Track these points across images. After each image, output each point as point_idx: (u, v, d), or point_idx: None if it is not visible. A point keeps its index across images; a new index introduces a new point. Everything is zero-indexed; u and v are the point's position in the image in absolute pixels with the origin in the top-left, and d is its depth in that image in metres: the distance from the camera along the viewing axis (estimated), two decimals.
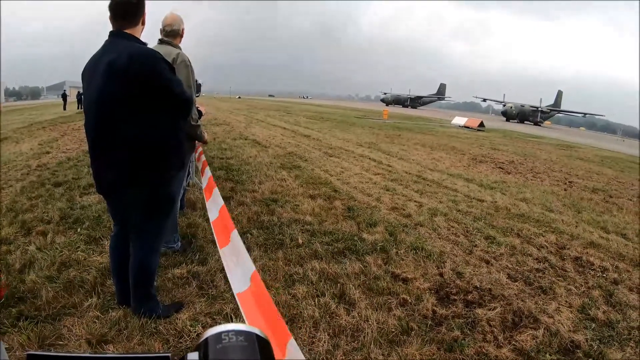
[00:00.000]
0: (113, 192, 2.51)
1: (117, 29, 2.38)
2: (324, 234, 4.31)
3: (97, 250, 3.65)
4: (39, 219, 4.41)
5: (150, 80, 2.25)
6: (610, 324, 3.06)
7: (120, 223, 2.69)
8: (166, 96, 2.34)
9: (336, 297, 3.06)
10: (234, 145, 10.67)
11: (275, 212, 4.97)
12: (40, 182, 6.11)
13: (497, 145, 16.76)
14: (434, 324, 2.84)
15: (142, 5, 2.43)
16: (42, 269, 3.20)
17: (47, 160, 8.06)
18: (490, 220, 5.39)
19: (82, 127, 2.55)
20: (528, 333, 2.81)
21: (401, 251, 4.02)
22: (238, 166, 7.82)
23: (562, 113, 75.21)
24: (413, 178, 7.87)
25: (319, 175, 7.44)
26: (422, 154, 11.68)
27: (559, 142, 23.93)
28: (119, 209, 2.63)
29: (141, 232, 2.57)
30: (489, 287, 3.42)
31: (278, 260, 3.59)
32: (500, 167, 10.41)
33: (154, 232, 2.59)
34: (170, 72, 2.40)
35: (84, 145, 9.88)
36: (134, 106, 2.26)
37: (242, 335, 0.47)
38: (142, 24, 2.46)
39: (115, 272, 2.75)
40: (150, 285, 2.64)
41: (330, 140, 13.10)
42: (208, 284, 3.13)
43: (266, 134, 13.88)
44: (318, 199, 5.71)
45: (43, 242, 3.75)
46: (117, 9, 2.35)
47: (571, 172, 10.90)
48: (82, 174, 6.63)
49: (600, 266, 4.15)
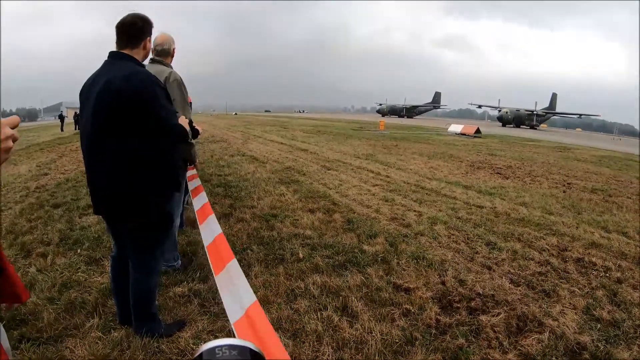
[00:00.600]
0: (108, 213, 2.50)
1: (118, 50, 2.42)
2: (324, 248, 4.30)
3: (98, 271, 3.65)
4: (38, 240, 4.41)
5: (142, 103, 2.25)
6: (616, 324, 3.05)
7: (119, 243, 2.70)
8: (155, 123, 2.32)
9: (339, 310, 3.05)
10: (232, 162, 10.69)
11: (275, 227, 4.97)
12: (39, 204, 6.12)
13: (494, 150, 16.80)
14: (438, 333, 2.83)
15: (146, 30, 2.48)
16: (43, 291, 3.20)
17: (46, 181, 8.08)
18: (491, 226, 5.39)
19: (79, 148, 2.56)
20: (533, 337, 2.79)
21: (402, 261, 4.01)
22: (236, 182, 7.82)
23: (557, 115, 75.61)
24: (411, 188, 7.88)
25: (318, 188, 7.44)
26: (420, 163, 11.70)
27: (555, 145, 23.99)
28: (117, 229, 2.63)
29: (139, 252, 2.57)
30: (491, 293, 3.41)
31: (279, 276, 3.58)
32: (498, 173, 10.43)
33: (152, 251, 2.58)
34: (165, 100, 2.40)
35: (82, 166, 9.84)
36: (127, 126, 2.26)
37: (236, 349, 0.48)
38: (143, 49, 2.50)
39: (115, 293, 2.75)
40: (150, 304, 2.63)
41: (327, 154, 13.12)
42: (210, 301, 3.12)
43: (263, 150, 13.90)
44: (317, 213, 5.71)
45: (43, 264, 3.75)
46: (121, 30, 2.41)
47: (569, 174, 10.92)
48: (81, 194, 6.62)
49: (603, 266, 4.14)
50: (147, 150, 2.34)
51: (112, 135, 2.28)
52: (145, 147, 2.33)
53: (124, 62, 2.37)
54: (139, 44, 2.45)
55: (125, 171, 2.31)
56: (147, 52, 2.56)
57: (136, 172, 2.33)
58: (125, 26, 2.41)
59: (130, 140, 2.28)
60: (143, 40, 2.47)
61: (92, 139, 2.32)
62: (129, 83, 2.23)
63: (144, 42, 2.48)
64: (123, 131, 2.27)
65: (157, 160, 2.39)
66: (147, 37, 2.50)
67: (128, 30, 2.41)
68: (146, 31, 2.48)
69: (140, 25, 2.44)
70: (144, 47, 2.49)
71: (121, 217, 2.48)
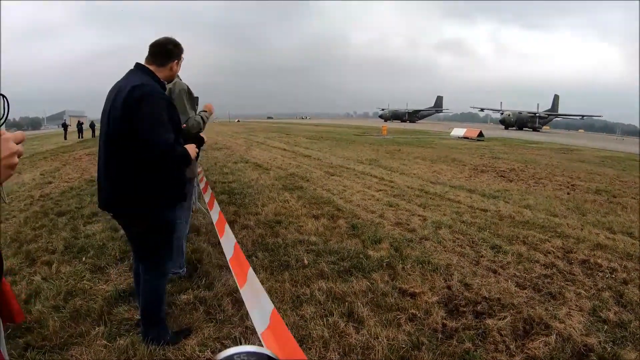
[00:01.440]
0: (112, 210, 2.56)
1: (143, 64, 2.55)
2: (329, 254, 4.30)
3: (103, 278, 3.67)
4: (43, 249, 4.44)
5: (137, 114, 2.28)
6: (623, 325, 3.04)
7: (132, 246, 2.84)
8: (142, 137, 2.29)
9: (344, 316, 3.05)
10: (236, 169, 10.72)
11: (279, 234, 4.97)
12: (43, 212, 6.16)
13: (497, 153, 16.77)
14: (444, 337, 2.82)
15: (175, 53, 2.64)
16: (48, 299, 3.22)
17: (50, 190, 8.14)
18: (495, 229, 5.38)
19: (83, 156, 2.60)
20: (540, 340, 2.78)
21: (407, 266, 4.01)
22: (240, 189, 7.84)
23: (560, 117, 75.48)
24: (415, 192, 7.87)
25: (322, 194, 7.44)
26: (423, 167, 11.69)
27: (558, 146, 23.94)
28: (127, 233, 2.74)
29: (144, 255, 2.65)
30: (497, 297, 3.40)
31: (285, 282, 3.58)
32: (502, 176, 10.41)
33: (156, 255, 2.62)
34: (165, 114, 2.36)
35: (85, 174, 9.97)
36: (131, 133, 2.30)
37: (254, 357, 0.48)
38: (170, 70, 2.64)
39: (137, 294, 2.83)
40: (158, 309, 2.65)
41: (330, 159, 13.14)
42: (215, 308, 3.12)
43: (267, 156, 13.93)
44: (322, 219, 5.71)
45: (48, 272, 3.77)
46: (152, 48, 2.58)
47: (573, 175, 10.89)
48: (85, 203, 6.66)
49: (609, 267, 4.13)
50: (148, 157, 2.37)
51: (118, 141, 2.35)
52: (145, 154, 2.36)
53: (140, 74, 2.47)
54: (165, 64, 2.59)
55: (128, 177, 2.37)
56: (174, 74, 2.70)
57: (138, 177, 2.37)
58: (156, 46, 2.58)
59: (133, 147, 2.31)
60: (170, 62, 2.62)
61: (104, 142, 2.43)
62: (133, 92, 2.29)
63: (171, 64, 2.62)
64: (127, 137, 2.31)
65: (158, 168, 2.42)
66: (176, 60, 2.66)
67: (157, 50, 2.58)
68: (174, 54, 2.64)
69: (170, 48, 2.61)
70: (170, 69, 2.64)
71: (124, 221, 2.61)
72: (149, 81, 2.42)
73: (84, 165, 12.34)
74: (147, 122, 2.30)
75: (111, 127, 2.36)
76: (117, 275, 3.76)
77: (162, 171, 2.44)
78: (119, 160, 2.36)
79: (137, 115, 2.28)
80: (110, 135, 2.37)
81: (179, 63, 2.72)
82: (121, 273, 3.79)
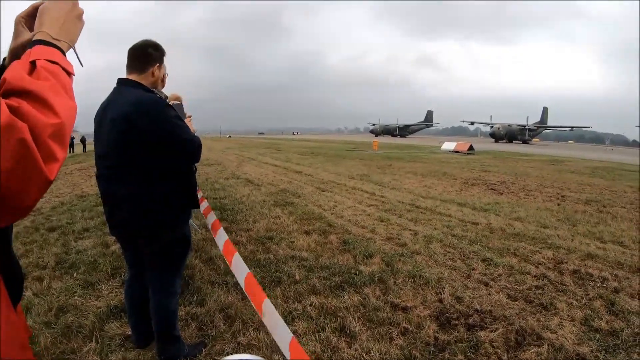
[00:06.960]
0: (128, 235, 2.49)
1: (125, 77, 2.40)
2: (321, 269, 4.29)
3: (94, 295, 3.63)
4: (34, 264, 4.40)
5: (156, 127, 2.22)
6: (615, 333, 3.06)
7: (135, 267, 2.67)
8: (173, 142, 2.28)
9: (337, 331, 3.04)
10: (227, 185, 10.71)
11: (271, 250, 4.96)
12: (34, 227, 6.10)
13: (487, 167, 16.94)
14: (436, 351, 2.82)
15: (155, 57, 2.42)
16: (40, 315, 3.19)
17: (41, 205, 8.02)
18: (486, 242, 5.41)
19: (74, 170, 2.56)
20: (532, 351, 2.79)
21: (399, 280, 4.01)
22: (232, 206, 7.82)
23: (549, 129, 76.54)
24: (406, 207, 7.90)
25: (313, 210, 7.45)
26: (414, 182, 11.75)
27: (548, 158, 24.21)
28: (136, 252, 2.61)
29: (159, 274, 2.55)
30: (489, 309, 3.41)
31: (277, 298, 3.56)
32: (492, 189, 10.50)
33: (171, 273, 2.57)
34: (177, 118, 2.33)
35: (76, 190, 9.91)
36: (144, 151, 2.24)
37: None
38: (152, 75, 2.43)
39: (132, 315, 2.73)
40: (173, 326, 2.60)
41: (322, 175, 13.18)
42: (207, 324, 3.11)
43: (258, 172, 13.94)
44: (313, 234, 5.71)
45: (39, 288, 3.74)
46: (130, 54, 2.39)
47: (563, 187, 11.02)
48: (76, 218, 6.62)
49: (600, 276, 4.16)
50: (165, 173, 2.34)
51: (129, 160, 2.25)
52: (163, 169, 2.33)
53: (130, 90, 2.33)
54: (145, 69, 2.39)
55: (145, 194, 2.29)
56: (156, 79, 2.48)
57: (155, 194, 2.31)
58: (135, 49, 2.39)
59: (147, 164, 2.27)
60: (151, 67, 2.41)
61: (112, 163, 2.31)
62: (137, 108, 2.20)
63: (152, 69, 2.41)
64: (140, 155, 2.24)
65: (175, 180, 2.39)
66: (156, 64, 2.43)
67: (136, 54, 2.39)
68: (155, 58, 2.42)
69: (149, 52, 2.39)
70: (152, 74, 2.42)
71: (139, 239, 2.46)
72: (143, 94, 2.31)
73: (75, 180, 12.28)
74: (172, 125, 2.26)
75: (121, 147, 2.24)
76: (109, 291, 3.72)
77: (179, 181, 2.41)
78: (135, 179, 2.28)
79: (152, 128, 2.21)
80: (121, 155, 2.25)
81: (161, 67, 2.48)
82: (112, 289, 3.75)
